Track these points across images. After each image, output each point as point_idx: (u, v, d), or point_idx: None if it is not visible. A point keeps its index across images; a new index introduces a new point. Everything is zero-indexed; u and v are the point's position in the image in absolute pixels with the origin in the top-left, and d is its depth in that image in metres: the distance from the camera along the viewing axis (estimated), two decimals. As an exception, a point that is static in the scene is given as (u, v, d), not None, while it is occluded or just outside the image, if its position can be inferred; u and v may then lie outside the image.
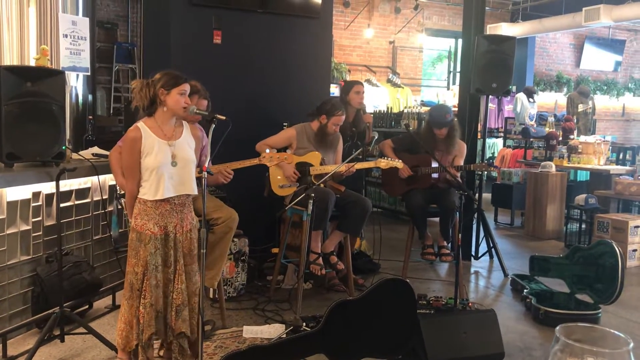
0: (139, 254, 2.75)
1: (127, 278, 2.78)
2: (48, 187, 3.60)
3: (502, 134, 9.95)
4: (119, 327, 2.81)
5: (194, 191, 2.86)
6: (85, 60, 4.44)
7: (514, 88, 10.08)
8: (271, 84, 5.04)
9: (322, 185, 4.03)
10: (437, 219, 4.77)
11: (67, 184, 3.79)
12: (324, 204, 4.03)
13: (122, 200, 3.22)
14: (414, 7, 10.92)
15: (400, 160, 4.29)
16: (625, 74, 13.97)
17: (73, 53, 4.35)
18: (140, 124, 2.76)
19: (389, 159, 4.29)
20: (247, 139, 4.26)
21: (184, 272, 2.83)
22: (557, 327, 1.02)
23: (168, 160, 2.75)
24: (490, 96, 5.68)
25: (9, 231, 3.37)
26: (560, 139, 8.03)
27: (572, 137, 8.10)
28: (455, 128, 4.69)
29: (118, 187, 3.47)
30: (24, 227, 3.49)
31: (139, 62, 8.83)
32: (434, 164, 4.59)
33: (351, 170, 4.16)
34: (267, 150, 3.85)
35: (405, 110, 7.70)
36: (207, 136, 2.91)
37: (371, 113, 8.18)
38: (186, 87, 2.81)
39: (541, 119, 9.64)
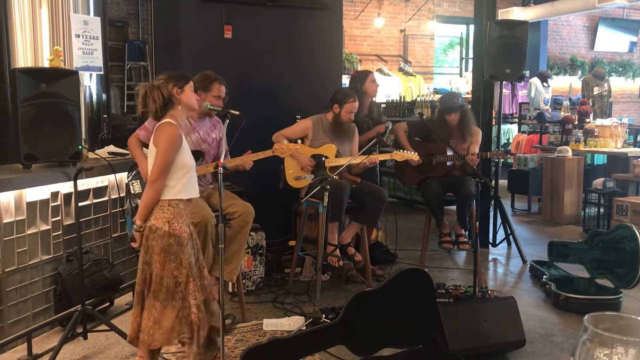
0: (181, 259, 2.65)
1: (162, 282, 2.65)
2: (66, 187, 3.64)
3: (516, 120, 9.86)
4: (146, 325, 2.68)
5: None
6: (98, 59, 4.47)
7: (527, 73, 9.96)
8: (283, 77, 5.04)
9: (337, 177, 4.02)
10: (453, 207, 4.75)
11: (84, 183, 3.82)
12: (339, 196, 4.03)
13: (137, 200, 3.22)
14: (424, -5, 10.84)
15: (415, 153, 4.26)
16: (640, 55, 13.78)
17: (86, 53, 4.38)
18: (171, 120, 2.68)
19: (404, 151, 4.28)
20: (260, 133, 4.27)
21: (204, 266, 2.84)
22: (586, 317, 1.01)
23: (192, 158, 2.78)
24: (504, 82, 5.63)
25: (29, 231, 3.42)
26: (576, 122, 7.95)
27: (588, 120, 8.01)
28: (467, 113, 4.66)
29: (131, 186, 3.47)
30: (44, 227, 3.53)
31: (151, 60, 8.87)
32: (449, 152, 4.57)
33: (374, 161, 4.16)
34: (284, 141, 3.87)
35: (419, 99, 7.66)
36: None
37: (383, 103, 8.17)
38: (192, 84, 2.83)
39: (556, 103, 9.54)
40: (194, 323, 2.67)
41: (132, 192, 3.46)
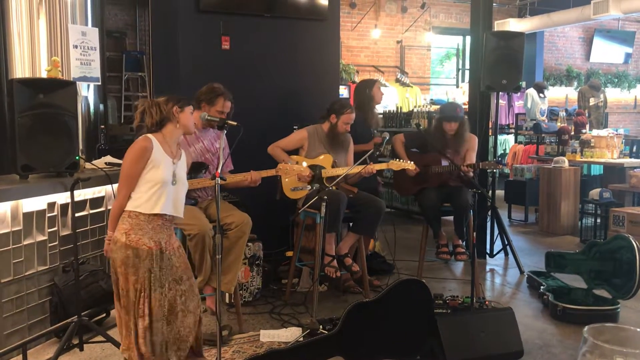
0: (138, 271, 2.63)
1: (129, 295, 2.64)
2: (63, 197, 3.63)
3: (513, 131, 9.89)
4: (131, 342, 2.68)
5: (182, 214, 2.83)
6: (95, 70, 4.48)
7: (523, 84, 10.01)
8: (280, 88, 5.05)
9: (334, 187, 4.03)
10: (450, 218, 4.75)
11: (81, 194, 3.81)
12: (336, 206, 4.03)
13: None
14: (421, 6, 10.90)
15: (412, 162, 4.27)
16: (636, 66, 13.84)
17: (83, 63, 4.39)
18: (151, 135, 2.72)
19: (401, 160, 4.29)
20: (258, 143, 4.28)
21: (188, 291, 2.77)
22: (585, 328, 1.01)
23: (170, 178, 2.72)
24: (500, 93, 5.66)
25: (25, 242, 3.40)
26: (572, 133, 7.97)
27: (584, 131, 8.04)
28: (464, 126, 4.66)
29: None
30: (40, 238, 3.51)
31: (149, 70, 8.88)
32: (444, 163, 4.58)
33: (371, 170, 4.17)
34: (288, 162, 3.90)
35: (415, 110, 7.68)
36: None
37: (380, 113, 8.19)
38: (192, 109, 2.88)
39: (552, 114, 9.58)
40: (139, 345, 2.62)
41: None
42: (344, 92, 8.88)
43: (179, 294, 2.74)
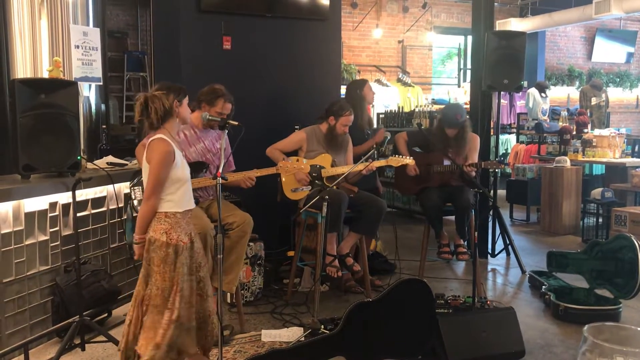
0: (175, 267, 2.68)
1: (164, 294, 2.67)
2: (64, 197, 3.63)
3: (514, 130, 9.88)
4: (148, 338, 2.68)
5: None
6: (97, 70, 4.48)
7: (525, 83, 10.00)
8: (282, 88, 5.05)
9: (335, 187, 4.03)
10: (452, 218, 4.74)
11: (83, 194, 3.82)
12: (337, 206, 4.03)
13: (138, 207, 3.23)
14: (422, 6, 10.90)
15: (411, 157, 4.27)
16: (638, 65, 13.83)
17: (85, 63, 4.40)
18: (163, 136, 2.71)
19: (401, 156, 4.28)
20: (259, 143, 4.28)
21: (205, 277, 2.82)
22: (585, 327, 1.01)
23: (188, 171, 2.79)
24: (502, 92, 5.65)
25: (27, 242, 3.41)
26: (574, 133, 7.96)
27: (586, 130, 8.03)
28: (466, 130, 4.64)
29: (133, 192, 3.48)
30: (42, 238, 3.52)
31: (150, 70, 8.89)
32: (446, 162, 4.57)
33: (371, 168, 4.16)
34: (288, 160, 3.90)
35: (417, 109, 7.68)
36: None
37: (382, 113, 8.19)
38: (188, 98, 2.87)
39: (554, 113, 9.57)
40: (161, 336, 2.63)
41: (134, 198, 3.46)
42: (345, 91, 8.87)
43: (198, 281, 2.78)
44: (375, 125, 5.05)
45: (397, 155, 4.30)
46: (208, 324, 2.81)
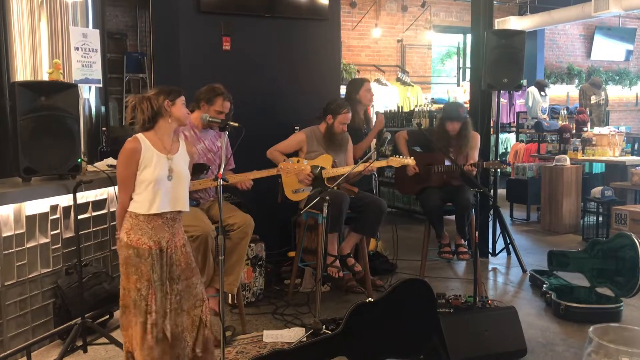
0: (140, 270, 2.65)
1: (129, 295, 2.66)
2: (65, 200, 3.64)
3: (514, 129, 9.88)
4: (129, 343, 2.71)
5: (186, 208, 2.81)
6: (97, 72, 4.48)
7: (525, 82, 10.01)
8: (281, 88, 5.05)
9: (335, 187, 4.03)
10: (453, 217, 4.75)
11: (83, 196, 3.82)
12: (338, 206, 4.03)
13: None
14: (421, 5, 10.89)
15: (412, 157, 4.28)
16: (637, 63, 13.82)
17: (85, 65, 4.40)
18: (139, 135, 2.69)
19: (401, 156, 4.29)
20: (259, 144, 4.28)
21: (183, 291, 2.74)
22: (591, 328, 1.01)
23: (165, 174, 2.69)
24: (501, 91, 5.65)
25: (28, 245, 3.41)
26: (574, 131, 7.96)
27: (585, 129, 8.02)
28: (468, 125, 4.66)
29: None
30: (43, 240, 3.52)
31: (150, 71, 8.89)
32: (447, 162, 4.57)
33: (371, 168, 4.16)
34: (288, 161, 3.91)
35: (416, 109, 7.68)
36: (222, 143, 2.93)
37: (382, 112, 8.18)
38: (184, 99, 2.82)
39: (553, 112, 9.57)
40: (145, 340, 2.62)
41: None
42: (344, 91, 8.86)
43: (174, 293, 2.71)
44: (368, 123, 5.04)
45: (397, 156, 4.30)
46: (181, 341, 2.72)
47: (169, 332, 2.67)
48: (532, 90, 9.76)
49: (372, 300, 3.12)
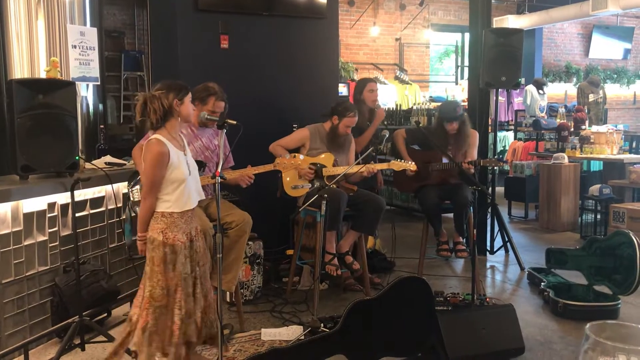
0: (176, 268, 2.69)
1: (160, 298, 2.68)
2: (63, 198, 3.63)
3: (512, 127, 9.89)
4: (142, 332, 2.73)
5: (204, 195, 2.93)
6: (94, 70, 4.48)
7: (523, 80, 10.01)
8: (279, 86, 5.05)
9: (334, 185, 4.03)
10: (451, 215, 4.75)
11: (81, 194, 3.81)
12: (336, 204, 4.03)
13: (136, 208, 3.23)
14: (419, 3, 10.89)
15: (413, 162, 4.27)
16: (635, 62, 13.84)
17: (82, 63, 4.39)
18: (160, 137, 2.69)
19: (402, 160, 4.29)
20: (257, 142, 4.27)
21: (201, 277, 2.82)
22: (587, 325, 1.01)
23: (187, 171, 2.75)
24: (499, 89, 5.66)
25: (26, 242, 3.40)
26: (572, 129, 7.97)
27: (583, 127, 8.03)
28: (465, 123, 4.67)
29: (132, 194, 3.48)
30: (41, 238, 3.51)
31: (147, 70, 8.88)
32: (445, 160, 4.57)
33: (372, 171, 4.18)
34: (285, 156, 3.90)
35: (415, 107, 7.68)
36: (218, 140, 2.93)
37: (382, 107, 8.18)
38: (191, 96, 2.85)
39: (552, 110, 9.57)
40: (174, 335, 2.67)
41: (132, 199, 3.46)
42: (343, 90, 8.87)
43: (198, 281, 2.79)
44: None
45: (399, 160, 4.30)
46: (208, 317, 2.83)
47: (199, 319, 2.75)
48: (530, 88, 9.76)
49: (370, 298, 3.12)
